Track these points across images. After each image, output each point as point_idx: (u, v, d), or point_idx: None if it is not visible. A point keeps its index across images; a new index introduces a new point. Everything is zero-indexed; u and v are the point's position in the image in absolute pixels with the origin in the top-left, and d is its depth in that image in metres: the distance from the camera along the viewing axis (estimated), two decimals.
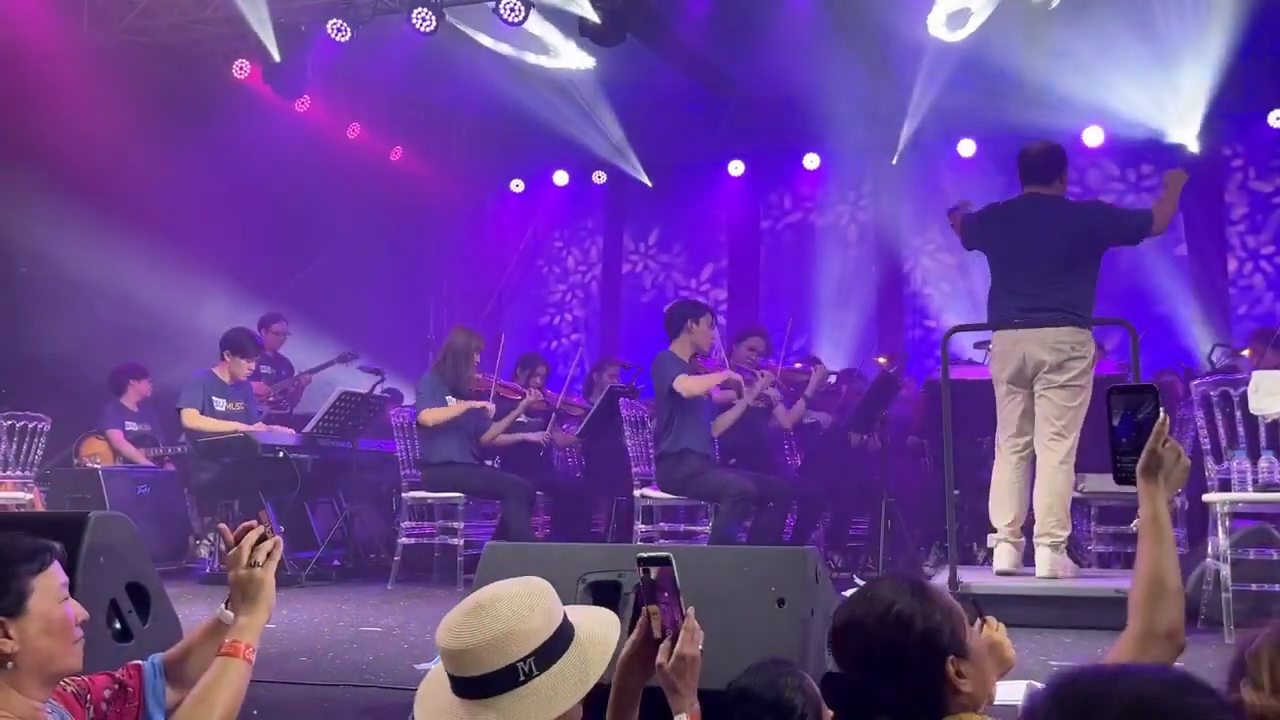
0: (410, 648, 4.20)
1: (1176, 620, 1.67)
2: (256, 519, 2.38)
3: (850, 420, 6.64)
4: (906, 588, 1.69)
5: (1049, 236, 4.83)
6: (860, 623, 1.65)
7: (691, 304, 6.26)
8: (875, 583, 1.76)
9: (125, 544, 3.37)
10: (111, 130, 7.73)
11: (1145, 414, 1.78)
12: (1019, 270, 4.87)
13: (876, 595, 1.67)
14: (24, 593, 1.95)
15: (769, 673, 2.04)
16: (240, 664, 2.09)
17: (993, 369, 4.97)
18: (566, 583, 2.89)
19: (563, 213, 11.48)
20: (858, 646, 1.64)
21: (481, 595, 1.84)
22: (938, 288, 10.21)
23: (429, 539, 6.54)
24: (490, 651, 1.76)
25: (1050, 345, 4.73)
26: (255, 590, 2.16)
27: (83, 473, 6.91)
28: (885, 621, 1.63)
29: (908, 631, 1.61)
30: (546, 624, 1.81)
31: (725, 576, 2.71)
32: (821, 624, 2.70)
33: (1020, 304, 4.84)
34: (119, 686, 2.17)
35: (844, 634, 1.67)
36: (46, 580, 1.99)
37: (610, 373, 7.79)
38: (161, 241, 7.93)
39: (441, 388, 6.41)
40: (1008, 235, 4.98)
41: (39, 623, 1.95)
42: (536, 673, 1.77)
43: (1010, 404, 4.88)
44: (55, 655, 1.98)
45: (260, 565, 2.18)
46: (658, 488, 5.95)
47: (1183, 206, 9.30)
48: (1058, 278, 4.81)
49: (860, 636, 1.64)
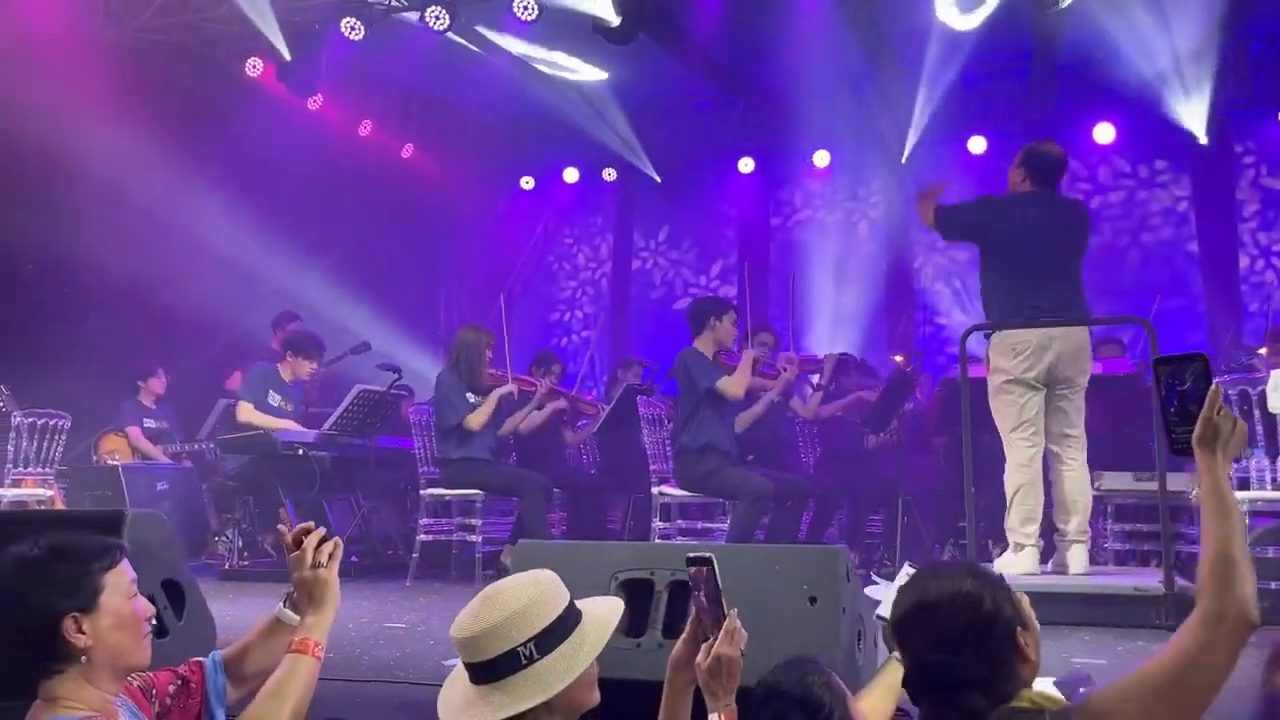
0: (435, 644, 4.24)
1: (1248, 597, 1.60)
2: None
3: (866, 419, 6.65)
4: (963, 570, 1.75)
5: (1074, 237, 4.87)
6: (932, 606, 1.69)
7: (714, 301, 6.27)
8: (931, 570, 1.80)
9: (160, 541, 3.43)
10: (125, 128, 7.76)
11: (1191, 383, 1.73)
12: (1044, 267, 4.83)
13: (939, 580, 1.72)
14: (97, 589, 2.01)
15: (797, 670, 2.07)
16: (310, 661, 2.16)
17: (1010, 365, 4.81)
18: (598, 581, 2.93)
19: (573, 210, 11.52)
20: (932, 630, 1.69)
21: (490, 587, 2.02)
22: (948, 284, 10.23)
23: (446, 536, 6.58)
24: (493, 637, 1.93)
25: (1080, 345, 4.77)
26: (322, 590, 2.22)
27: (103, 470, 6.95)
28: (956, 603, 1.68)
29: (979, 609, 1.67)
30: (548, 611, 1.96)
31: (757, 574, 2.75)
32: (852, 622, 2.74)
33: (1047, 301, 4.78)
34: (182, 682, 2.24)
35: (914, 620, 1.71)
36: (117, 577, 2.06)
37: (635, 371, 7.85)
38: (173, 239, 7.96)
39: (458, 386, 6.45)
40: (1031, 230, 4.89)
41: (111, 618, 2.01)
42: (538, 656, 1.93)
43: (1027, 401, 4.80)
44: (126, 650, 2.05)
45: (324, 566, 2.23)
46: (675, 484, 5.97)
47: (1194, 203, 9.39)
48: (1076, 277, 4.85)
49: (934, 620, 1.69)
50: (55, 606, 1.97)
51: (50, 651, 1.98)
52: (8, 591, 1.98)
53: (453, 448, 6.33)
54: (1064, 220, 4.99)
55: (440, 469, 6.44)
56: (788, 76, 9.90)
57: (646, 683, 2.84)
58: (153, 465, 7.21)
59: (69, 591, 1.99)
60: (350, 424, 6.68)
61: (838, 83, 9.79)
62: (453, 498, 6.46)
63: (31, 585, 1.98)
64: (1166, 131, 9.38)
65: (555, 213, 11.49)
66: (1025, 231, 4.90)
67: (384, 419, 6.92)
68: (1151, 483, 4.83)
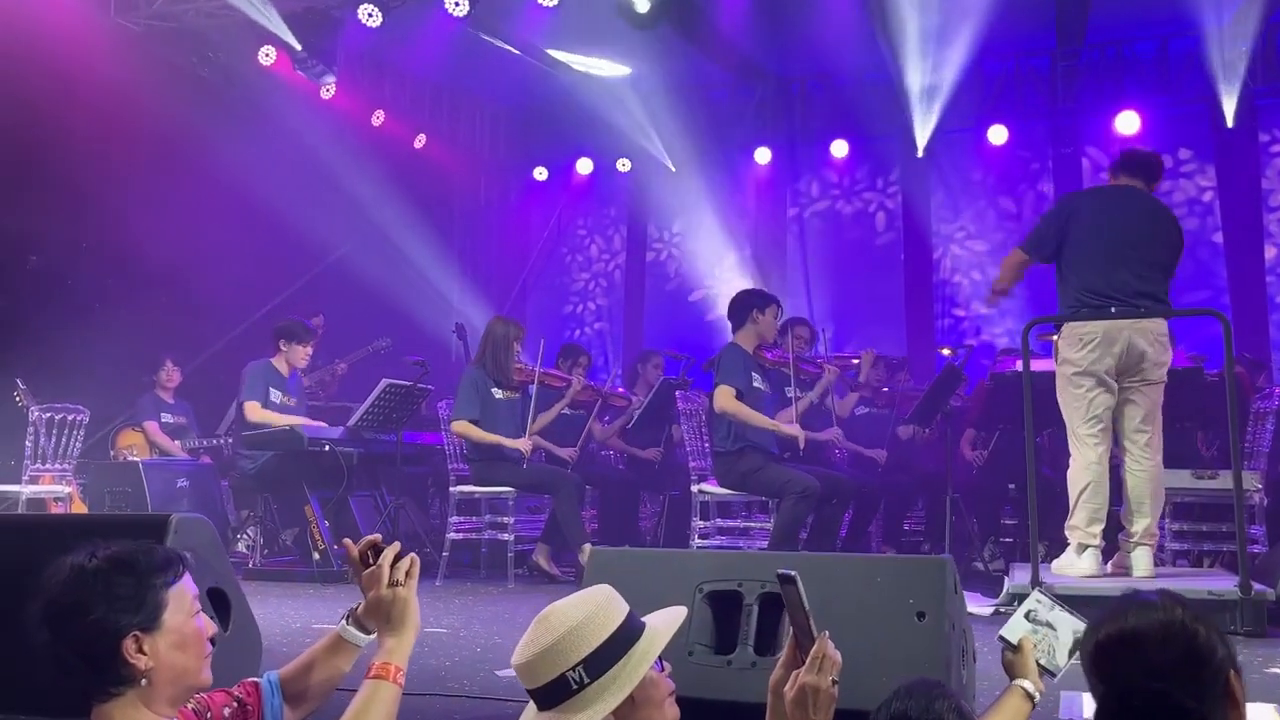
0: (483, 651, 4.13)
1: None
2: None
3: (913, 413, 6.53)
4: (1170, 601, 1.61)
5: (1153, 231, 4.76)
6: (1142, 637, 1.56)
7: (757, 293, 6.12)
8: (1137, 598, 1.67)
9: (206, 547, 3.28)
10: (134, 118, 7.61)
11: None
12: (1130, 257, 4.69)
13: (1146, 610, 1.59)
14: (160, 605, 1.86)
15: (923, 695, 1.92)
16: (391, 687, 2.00)
17: (1077, 356, 4.67)
18: (682, 592, 2.78)
19: (586, 201, 11.38)
20: (1142, 661, 1.55)
21: (545, 610, 1.93)
22: (967, 276, 10.12)
23: (477, 535, 6.45)
24: (543, 663, 1.86)
25: (1153, 337, 4.64)
26: (401, 610, 2.07)
27: (122, 466, 6.81)
28: (1170, 633, 1.54)
29: (1194, 641, 1.54)
30: (598, 632, 1.86)
31: (856, 587, 2.60)
32: (958, 638, 2.60)
33: (1126, 291, 4.66)
34: (238, 704, 2.08)
35: (1118, 651, 1.58)
36: (180, 592, 1.91)
37: (655, 364, 7.68)
38: (184, 230, 7.80)
39: (485, 382, 6.31)
40: (1111, 220, 4.78)
41: (173, 637, 1.86)
42: (588, 680, 1.84)
43: (1095, 395, 4.66)
44: (188, 671, 1.90)
45: (403, 584, 2.08)
46: (715, 482, 5.84)
47: (1220, 193, 9.28)
48: (1158, 274, 4.73)
49: (1143, 651, 1.56)
50: (117, 624, 1.81)
51: (109, 673, 1.82)
52: (65, 605, 1.82)
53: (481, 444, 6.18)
54: (1148, 209, 4.87)
55: (470, 466, 6.29)
56: (806, 66, 9.78)
57: (738, 704, 2.72)
58: (173, 461, 7.06)
59: (131, 608, 1.83)
60: (376, 419, 6.54)
61: (856, 71, 9.68)
62: (482, 495, 6.32)
63: (91, 600, 1.81)
64: (1191, 120, 9.28)
65: (569, 204, 11.35)
66: (1106, 218, 4.81)
67: (410, 413, 6.78)
68: (1212, 480, 4.71)
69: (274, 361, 6.73)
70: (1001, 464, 6.49)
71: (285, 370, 6.74)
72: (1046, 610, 2.27)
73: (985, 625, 3.71)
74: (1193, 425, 5.55)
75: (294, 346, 6.69)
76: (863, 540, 6.42)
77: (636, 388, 7.51)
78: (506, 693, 3.42)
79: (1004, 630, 2.29)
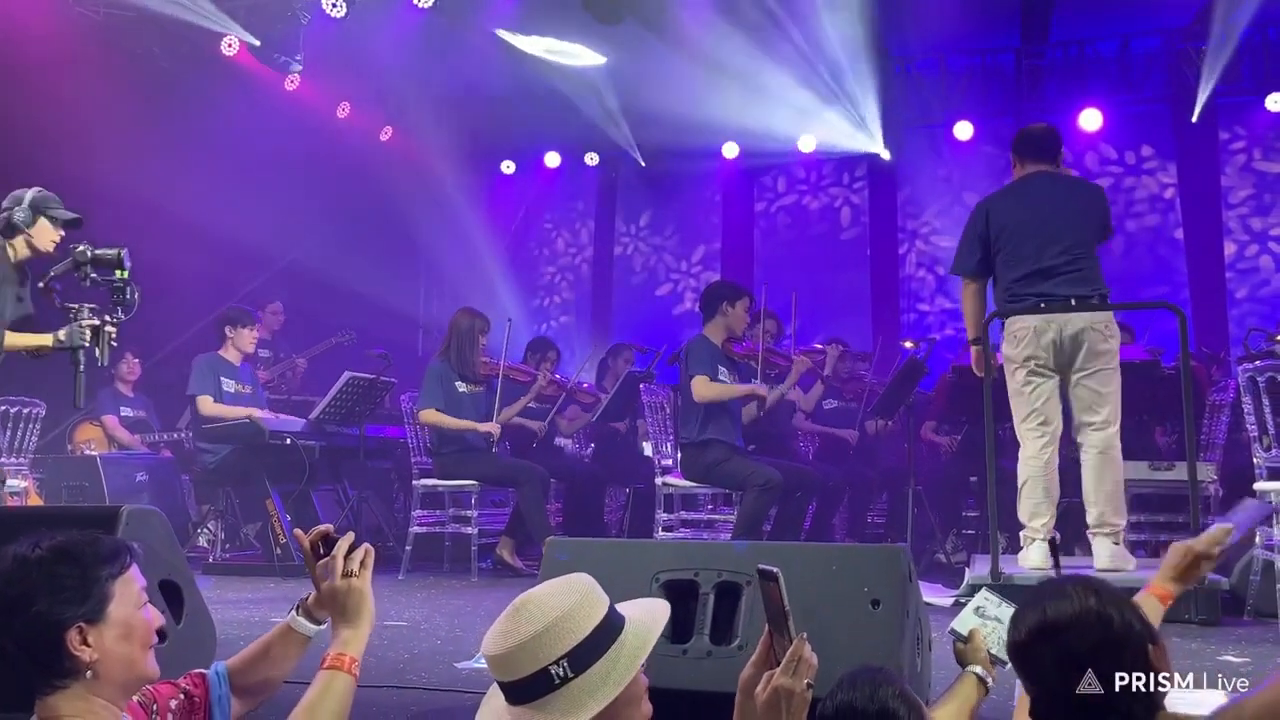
0: (443, 643, 4.11)
1: None
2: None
3: (875, 406, 6.55)
4: (1084, 588, 1.63)
5: (1072, 213, 4.66)
6: (1061, 628, 1.58)
7: (729, 286, 6.12)
8: (1049, 589, 1.68)
9: (159, 539, 3.25)
10: (94, 108, 7.50)
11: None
12: (1051, 251, 4.66)
13: (1060, 600, 1.61)
14: (105, 597, 1.82)
15: (868, 684, 1.91)
16: (346, 678, 1.98)
17: (1014, 352, 4.71)
18: (639, 581, 2.78)
19: (554, 195, 11.34)
20: (1061, 653, 1.57)
21: (520, 597, 1.82)
22: (932, 271, 10.18)
23: (440, 528, 6.42)
24: (523, 655, 1.75)
25: (1087, 329, 4.59)
26: (357, 601, 2.04)
27: (80, 460, 6.72)
28: (1085, 622, 1.57)
29: (1109, 628, 1.57)
30: (582, 624, 1.77)
31: (814, 576, 2.61)
32: (914, 626, 2.62)
33: (1054, 285, 4.64)
34: (184, 696, 2.05)
35: (1038, 644, 1.59)
36: (126, 584, 1.86)
37: (625, 357, 7.66)
38: (144, 222, 7.68)
39: (449, 374, 6.29)
40: (1028, 213, 4.75)
41: (119, 628, 1.83)
42: (571, 675, 1.75)
43: (1033, 389, 4.70)
44: (134, 663, 1.86)
45: (356, 575, 2.05)
46: (680, 475, 5.84)
47: (1181, 190, 9.38)
48: (1086, 256, 4.67)
49: (1062, 643, 1.57)
50: (61, 615, 1.77)
51: (53, 666, 1.78)
52: (7, 597, 1.78)
53: (446, 437, 6.16)
54: (1062, 192, 4.78)
55: (434, 459, 6.26)
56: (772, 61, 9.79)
57: (694, 693, 2.72)
58: (132, 455, 6.98)
59: (76, 599, 1.79)
60: (339, 412, 6.49)
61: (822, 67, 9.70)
62: (446, 489, 6.29)
63: (34, 591, 1.77)
64: (1153, 118, 9.37)
65: (536, 198, 11.31)
66: (1022, 214, 4.77)
67: (373, 407, 6.73)
68: (1168, 472, 4.75)
69: (221, 353, 6.65)
70: (964, 456, 6.52)
71: (236, 358, 6.67)
72: (994, 607, 2.30)
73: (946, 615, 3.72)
74: (1150, 418, 5.59)
75: (239, 331, 6.63)
76: (826, 532, 6.44)
77: (606, 380, 7.50)
78: (465, 685, 3.41)
79: (955, 623, 2.31)
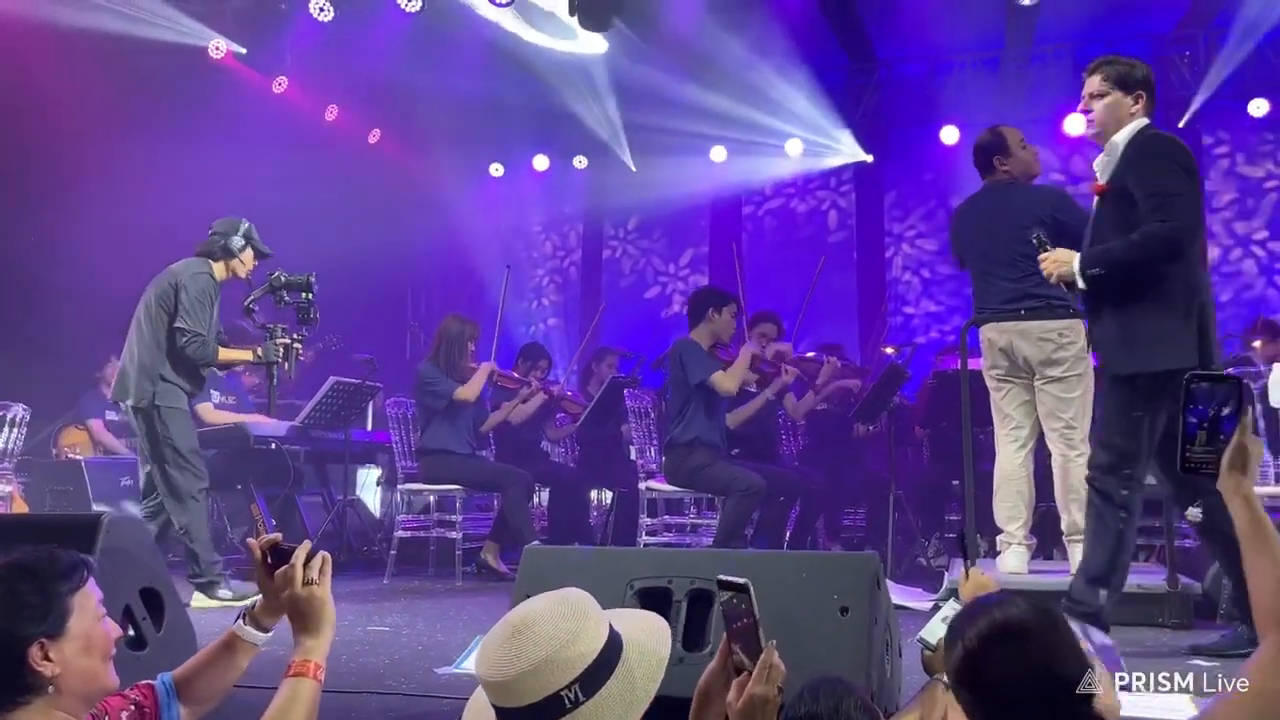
0: (424, 648, 4.11)
1: None
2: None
3: (856, 411, 6.58)
4: (1021, 598, 1.65)
5: (1013, 223, 4.64)
6: (1015, 633, 1.60)
7: (717, 292, 6.14)
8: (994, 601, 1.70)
9: (139, 547, 3.27)
10: (79, 111, 7.49)
11: (1230, 410, 1.67)
12: (994, 261, 4.75)
13: (1006, 606, 1.63)
14: (65, 612, 1.86)
15: (830, 695, 1.92)
16: (312, 684, 1.99)
17: (982, 361, 4.86)
18: (613, 589, 2.81)
19: (542, 198, 11.35)
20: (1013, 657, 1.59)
21: (519, 617, 1.73)
22: (918, 274, 10.23)
23: (425, 532, 6.43)
24: (532, 681, 1.66)
25: (1035, 338, 4.63)
26: (319, 609, 2.04)
27: (64, 464, 6.73)
28: (1043, 624, 1.59)
29: (1057, 629, 1.60)
30: (591, 645, 1.71)
31: (783, 583, 2.64)
32: (883, 633, 2.64)
33: (1002, 296, 4.71)
34: (135, 708, 2.05)
35: (991, 650, 1.61)
36: (85, 598, 1.90)
37: (609, 362, 7.68)
38: (129, 226, 7.69)
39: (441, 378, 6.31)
40: (976, 228, 4.86)
41: (79, 642, 1.86)
42: (583, 699, 1.67)
43: (1002, 395, 4.77)
44: (96, 675, 1.90)
45: (316, 583, 2.07)
46: (664, 479, 5.87)
47: None
48: (1031, 265, 4.71)
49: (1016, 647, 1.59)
50: (22, 632, 1.81)
51: (15, 682, 1.81)
52: None
53: (432, 440, 6.17)
54: (1010, 206, 4.77)
55: (419, 462, 6.28)
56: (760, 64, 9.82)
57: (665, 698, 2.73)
58: (117, 460, 6.98)
59: (37, 616, 1.82)
60: (325, 417, 6.50)
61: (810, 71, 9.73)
62: (431, 493, 6.31)
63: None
64: None
65: (524, 201, 11.33)
66: (975, 228, 4.90)
67: (359, 411, 6.75)
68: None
69: None
70: (946, 460, 6.55)
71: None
72: None
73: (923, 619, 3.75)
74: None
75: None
76: (809, 537, 6.47)
77: (590, 385, 7.52)
78: (443, 690, 3.42)
79: (923, 632, 2.32)
